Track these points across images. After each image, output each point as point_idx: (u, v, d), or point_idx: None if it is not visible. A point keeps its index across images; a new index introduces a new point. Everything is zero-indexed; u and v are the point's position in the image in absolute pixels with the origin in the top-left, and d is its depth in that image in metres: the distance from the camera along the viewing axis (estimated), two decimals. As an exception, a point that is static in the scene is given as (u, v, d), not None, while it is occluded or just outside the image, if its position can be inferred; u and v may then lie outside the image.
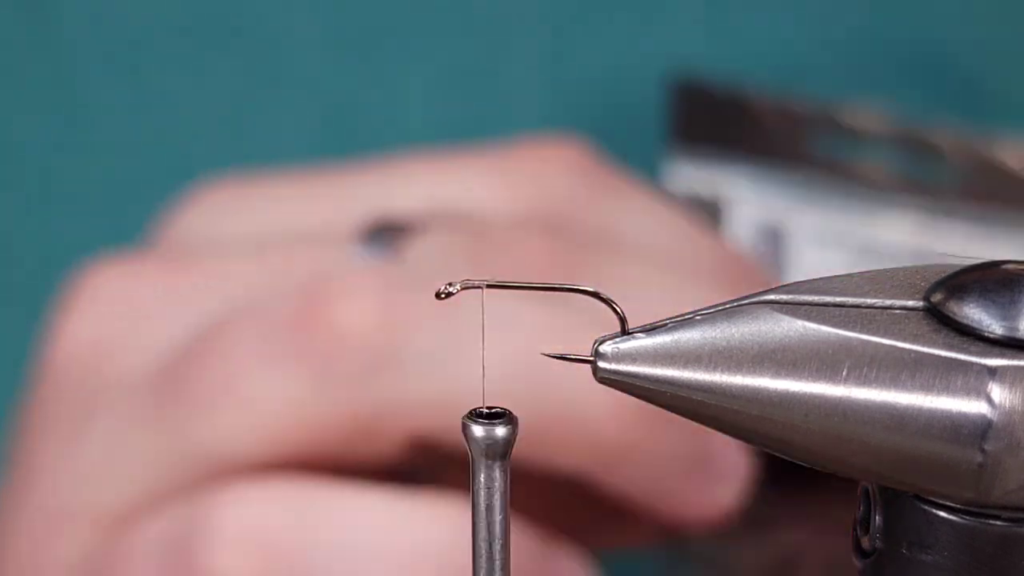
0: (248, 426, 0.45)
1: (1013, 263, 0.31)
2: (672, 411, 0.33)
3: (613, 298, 0.35)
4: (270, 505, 0.45)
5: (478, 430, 0.34)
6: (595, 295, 0.36)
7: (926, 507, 0.31)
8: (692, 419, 0.33)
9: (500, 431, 0.34)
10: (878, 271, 0.36)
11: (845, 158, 0.59)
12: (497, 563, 0.35)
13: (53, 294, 0.52)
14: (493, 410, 0.35)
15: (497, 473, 0.35)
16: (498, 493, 0.35)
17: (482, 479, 0.35)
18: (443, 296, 0.36)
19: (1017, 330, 0.29)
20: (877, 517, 0.33)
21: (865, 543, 0.34)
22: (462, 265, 0.47)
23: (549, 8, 0.55)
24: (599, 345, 0.34)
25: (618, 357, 0.33)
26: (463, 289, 0.35)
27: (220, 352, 0.46)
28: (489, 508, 0.35)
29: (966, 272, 0.31)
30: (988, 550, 0.31)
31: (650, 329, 0.34)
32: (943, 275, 0.32)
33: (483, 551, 0.35)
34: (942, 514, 0.31)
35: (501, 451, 0.34)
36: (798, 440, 0.31)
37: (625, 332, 0.34)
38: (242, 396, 0.45)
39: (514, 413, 0.35)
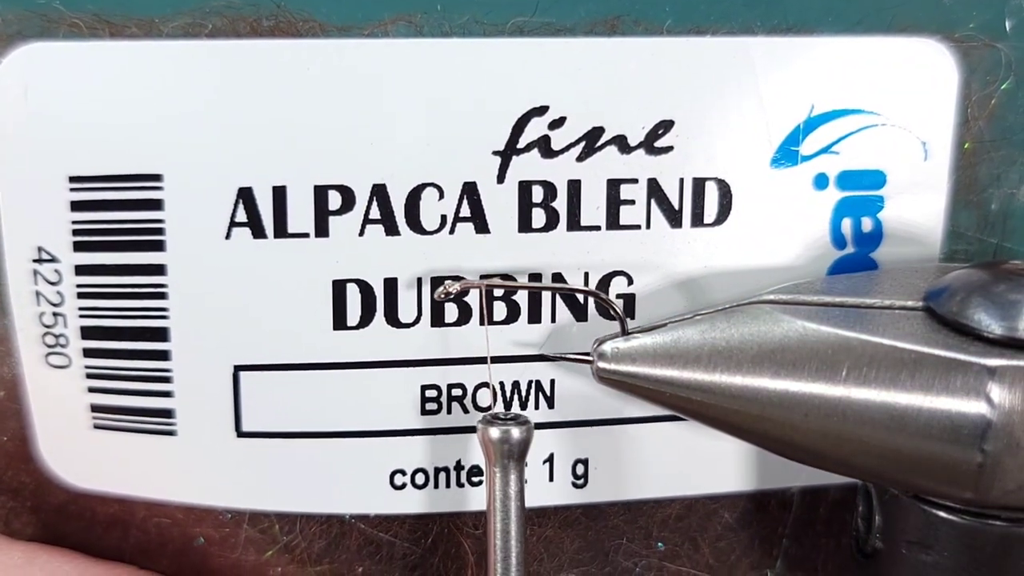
0: None
1: (1013, 263, 0.31)
2: (672, 410, 0.33)
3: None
4: None
5: (495, 432, 0.35)
6: (595, 295, 0.36)
7: (926, 507, 0.31)
8: (692, 418, 0.33)
9: (516, 432, 0.35)
10: (878, 271, 0.36)
11: None
12: (512, 560, 0.35)
13: None
14: (508, 414, 0.35)
15: (512, 474, 0.35)
16: (513, 494, 0.35)
17: (498, 481, 0.35)
18: (443, 297, 0.36)
19: (1016, 330, 0.30)
20: (877, 517, 0.33)
21: (865, 543, 0.34)
22: None
23: None
24: (599, 345, 0.34)
25: (618, 357, 0.33)
26: (462, 288, 0.35)
27: None
28: (505, 509, 0.35)
29: (966, 272, 0.32)
30: (988, 550, 0.31)
31: (650, 329, 0.34)
32: (943, 275, 0.32)
33: (499, 548, 0.35)
34: (942, 514, 0.31)
35: (517, 452, 0.35)
36: (798, 440, 0.31)
37: (625, 332, 0.34)
38: None
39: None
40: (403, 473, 0.38)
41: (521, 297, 0.37)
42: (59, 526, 0.39)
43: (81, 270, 0.36)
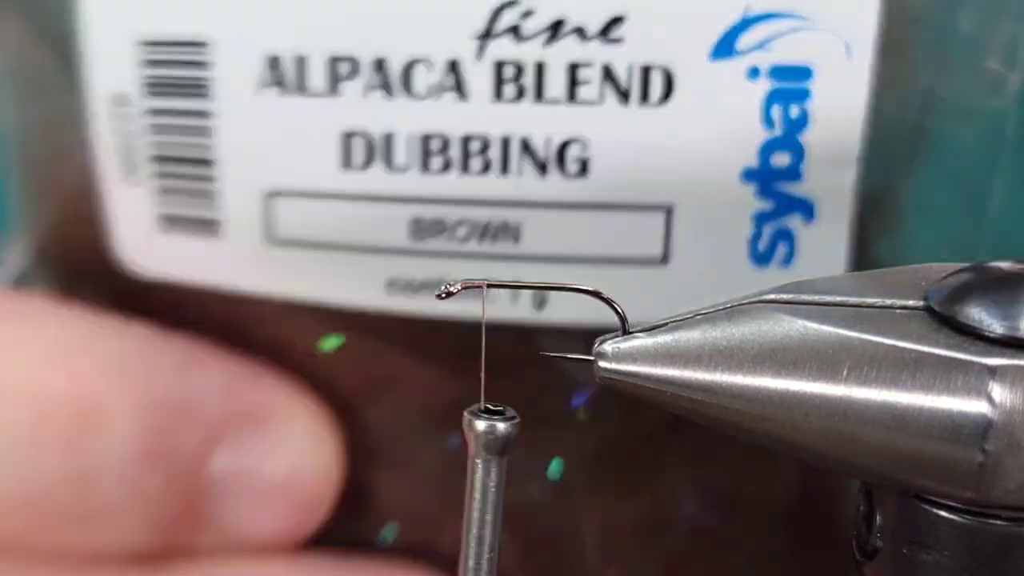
0: None
1: (1013, 263, 0.31)
2: (673, 410, 0.33)
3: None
4: None
5: (480, 424, 0.35)
6: (595, 294, 0.36)
7: (927, 507, 0.31)
8: (693, 418, 0.33)
9: (501, 426, 0.35)
10: (879, 271, 0.36)
11: None
12: (484, 554, 0.35)
13: None
14: (495, 407, 0.35)
15: (494, 468, 0.35)
16: (493, 487, 0.35)
17: (479, 473, 0.35)
18: (443, 296, 0.36)
19: (1017, 329, 0.29)
20: (878, 517, 0.33)
21: (866, 542, 0.34)
22: None
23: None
24: (600, 344, 0.34)
25: (619, 357, 0.33)
26: (463, 288, 0.35)
27: None
28: (483, 501, 0.35)
29: (966, 271, 0.31)
30: (988, 550, 0.31)
31: (651, 329, 0.34)
32: (943, 275, 0.32)
33: (474, 541, 0.35)
34: (943, 514, 0.31)
35: (499, 446, 0.35)
36: (799, 439, 0.31)
37: (626, 332, 0.34)
38: None
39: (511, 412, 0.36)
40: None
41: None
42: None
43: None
